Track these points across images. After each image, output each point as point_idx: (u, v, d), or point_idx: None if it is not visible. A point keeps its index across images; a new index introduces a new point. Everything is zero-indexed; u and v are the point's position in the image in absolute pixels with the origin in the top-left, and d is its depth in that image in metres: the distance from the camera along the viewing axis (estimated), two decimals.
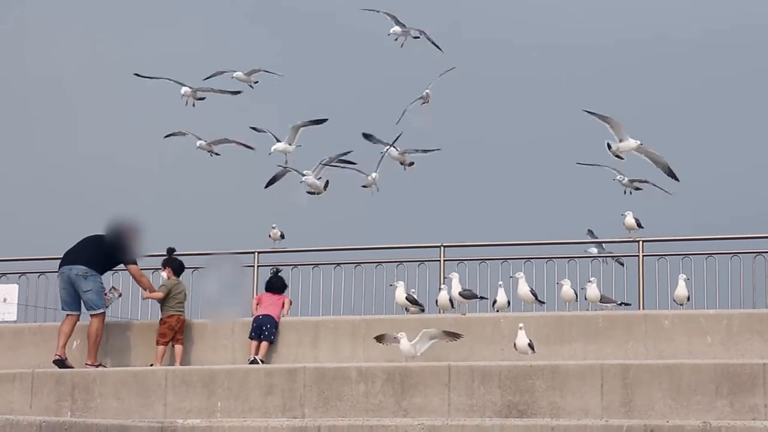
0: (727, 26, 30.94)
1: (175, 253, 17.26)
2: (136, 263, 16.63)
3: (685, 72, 31.85)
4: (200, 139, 19.43)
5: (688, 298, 16.56)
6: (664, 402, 13.33)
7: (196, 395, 14.50)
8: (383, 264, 17.97)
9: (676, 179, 17.91)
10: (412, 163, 19.01)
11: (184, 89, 19.49)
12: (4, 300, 19.19)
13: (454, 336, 15.00)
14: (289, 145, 18.71)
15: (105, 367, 15.95)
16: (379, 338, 15.37)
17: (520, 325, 14.98)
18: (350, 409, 14.03)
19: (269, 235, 18.64)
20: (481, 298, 16.89)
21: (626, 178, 18.30)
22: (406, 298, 16.88)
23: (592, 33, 32.59)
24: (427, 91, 19.06)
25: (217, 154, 19.47)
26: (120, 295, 16.96)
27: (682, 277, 16.67)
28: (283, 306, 16.82)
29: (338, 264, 18.21)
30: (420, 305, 17.04)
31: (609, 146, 17.96)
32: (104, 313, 16.33)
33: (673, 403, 13.31)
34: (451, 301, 16.60)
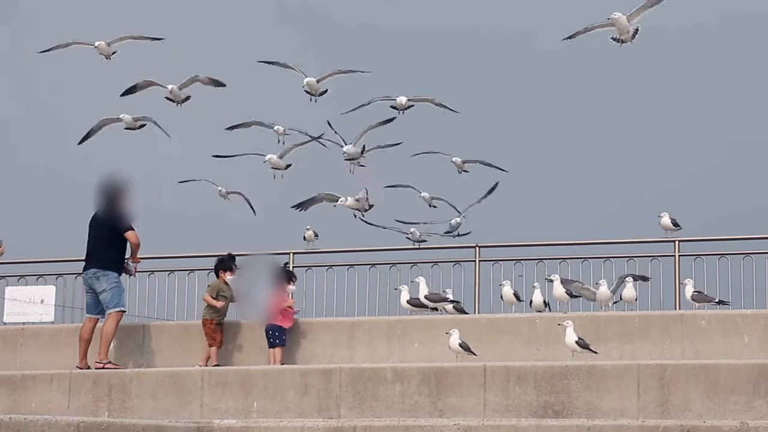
0: None
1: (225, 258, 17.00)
2: (132, 228, 16.16)
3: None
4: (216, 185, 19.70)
5: (693, 299, 16.43)
6: (701, 402, 13.27)
7: (232, 395, 14.54)
8: (418, 264, 17.98)
9: (451, 110, 18.60)
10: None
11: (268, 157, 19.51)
12: (42, 301, 19.31)
13: None
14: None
15: (117, 366, 15.87)
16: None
17: (568, 322, 14.87)
18: (386, 410, 14.03)
19: (304, 237, 18.70)
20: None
21: (460, 159, 19.23)
22: (454, 307, 16.94)
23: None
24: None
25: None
26: (138, 261, 16.66)
27: (688, 281, 16.59)
28: (284, 310, 16.38)
29: (373, 265, 18.24)
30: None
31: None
32: (121, 312, 16.08)
33: (710, 403, 13.25)
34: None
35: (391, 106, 19.07)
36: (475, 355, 15.03)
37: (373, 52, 31.79)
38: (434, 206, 19.30)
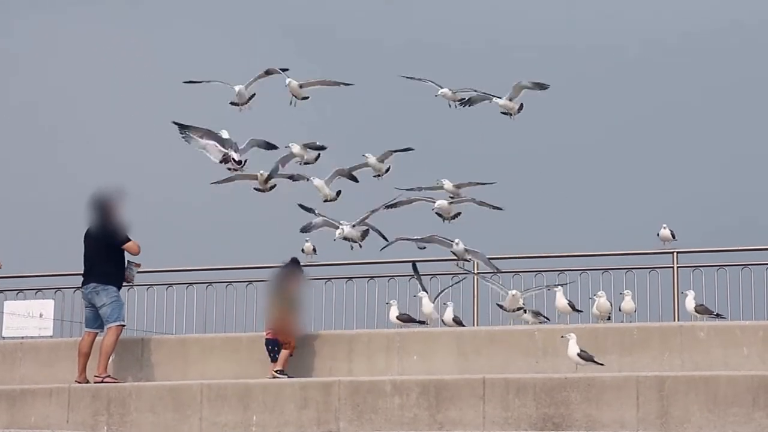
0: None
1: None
2: (129, 239, 16.11)
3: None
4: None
5: (697, 311, 16.41)
6: (700, 414, 13.28)
7: (231, 409, 14.54)
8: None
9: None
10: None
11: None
12: (41, 315, 19.31)
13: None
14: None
15: (116, 380, 15.85)
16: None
17: (570, 334, 14.84)
18: (385, 422, 14.04)
19: (302, 250, 18.68)
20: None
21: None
22: (453, 319, 16.96)
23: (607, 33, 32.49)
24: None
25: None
26: (138, 265, 16.50)
27: (690, 293, 16.57)
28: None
29: (372, 277, 18.24)
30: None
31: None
32: (121, 327, 16.00)
33: (710, 415, 13.26)
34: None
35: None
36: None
37: (372, 53, 31.83)
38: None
